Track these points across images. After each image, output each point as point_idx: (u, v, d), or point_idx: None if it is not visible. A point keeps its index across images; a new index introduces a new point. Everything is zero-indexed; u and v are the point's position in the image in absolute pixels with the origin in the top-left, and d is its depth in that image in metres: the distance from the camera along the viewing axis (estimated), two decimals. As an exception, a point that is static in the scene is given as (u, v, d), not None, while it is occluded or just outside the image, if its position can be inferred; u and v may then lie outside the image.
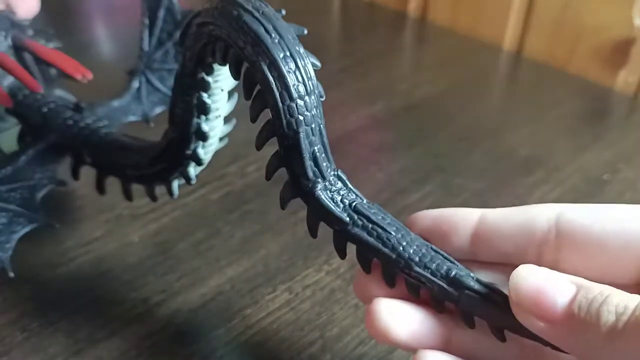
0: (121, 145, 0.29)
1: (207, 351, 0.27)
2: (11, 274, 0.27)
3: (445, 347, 0.21)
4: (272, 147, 0.21)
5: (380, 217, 0.22)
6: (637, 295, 0.17)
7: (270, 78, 0.20)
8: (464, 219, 0.23)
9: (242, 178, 0.38)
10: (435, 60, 0.55)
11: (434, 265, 0.21)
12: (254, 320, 0.29)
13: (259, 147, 0.21)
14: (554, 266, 0.22)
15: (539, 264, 0.22)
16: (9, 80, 0.32)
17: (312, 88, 0.20)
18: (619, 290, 0.18)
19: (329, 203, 0.21)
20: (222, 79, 0.24)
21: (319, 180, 0.21)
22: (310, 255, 0.32)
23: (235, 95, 0.26)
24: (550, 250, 0.21)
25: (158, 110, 0.35)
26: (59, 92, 0.34)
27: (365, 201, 0.22)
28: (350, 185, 0.22)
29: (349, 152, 0.41)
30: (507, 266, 0.22)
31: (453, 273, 0.21)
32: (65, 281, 0.30)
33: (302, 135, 0.20)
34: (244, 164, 0.39)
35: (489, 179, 0.38)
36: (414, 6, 0.60)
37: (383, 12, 0.62)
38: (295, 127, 0.20)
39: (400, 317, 0.21)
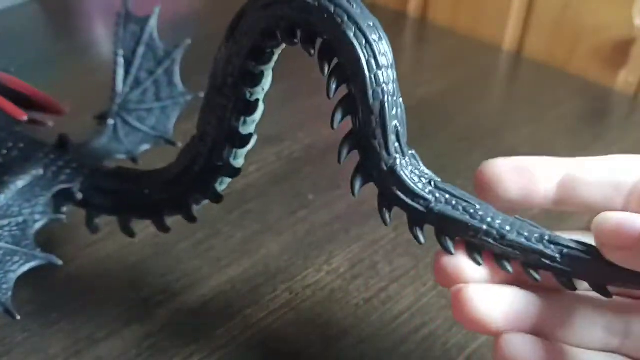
0: (119, 176, 0.27)
1: (207, 351, 0.27)
2: (18, 317, 0.25)
3: (536, 328, 0.21)
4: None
5: (460, 192, 0.21)
6: None
7: (357, 44, 0.19)
8: (549, 168, 0.22)
9: (242, 178, 0.37)
10: (435, 60, 0.55)
11: (525, 232, 0.20)
12: (254, 320, 0.29)
13: (334, 125, 0.21)
14: None
15: None
16: None
17: (392, 61, 0.20)
18: None
19: (409, 181, 0.21)
20: (266, 77, 0.23)
21: (398, 156, 0.21)
22: (311, 255, 0.32)
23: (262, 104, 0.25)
24: (637, 200, 0.21)
25: (144, 147, 0.32)
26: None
27: (439, 179, 0.21)
28: (422, 165, 0.21)
29: (349, 152, 0.40)
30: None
31: (547, 236, 0.20)
32: (65, 282, 0.31)
33: (387, 105, 0.20)
34: (244, 164, 0.39)
35: (489, 179, 0.38)
36: (414, 6, 0.60)
37: (383, 12, 0.62)
38: (382, 97, 0.20)
39: (491, 302, 0.20)
